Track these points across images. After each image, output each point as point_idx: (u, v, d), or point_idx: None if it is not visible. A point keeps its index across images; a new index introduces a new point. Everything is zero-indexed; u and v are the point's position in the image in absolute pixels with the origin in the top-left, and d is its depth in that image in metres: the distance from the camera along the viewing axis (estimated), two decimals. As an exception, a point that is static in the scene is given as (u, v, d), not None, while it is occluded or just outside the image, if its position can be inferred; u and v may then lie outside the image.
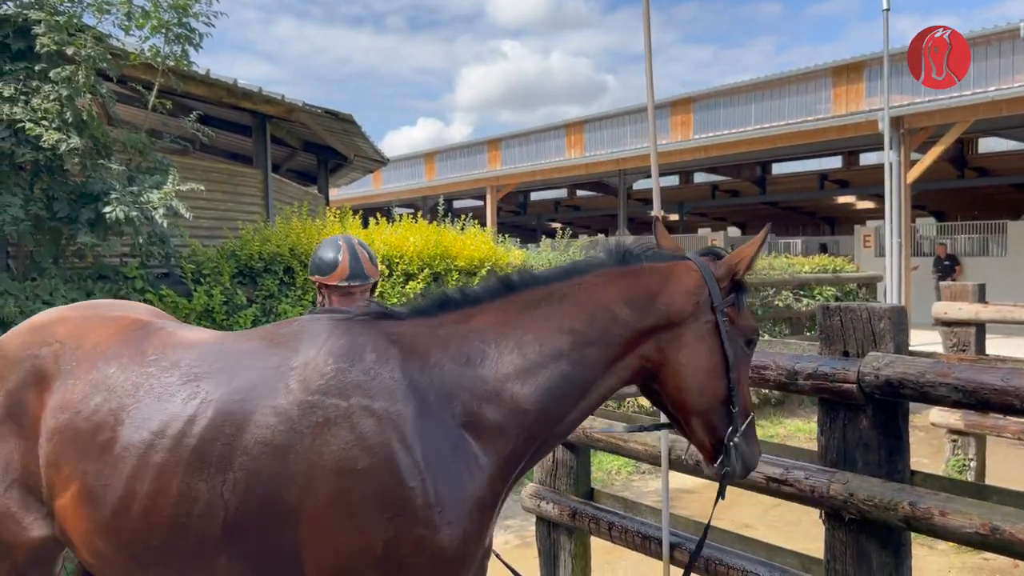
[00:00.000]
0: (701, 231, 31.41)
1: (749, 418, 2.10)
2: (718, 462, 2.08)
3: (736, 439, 2.05)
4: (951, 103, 14.03)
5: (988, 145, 22.67)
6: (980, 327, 5.45)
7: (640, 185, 25.76)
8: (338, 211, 6.93)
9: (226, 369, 1.99)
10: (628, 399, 8.62)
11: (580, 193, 33.37)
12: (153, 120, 5.79)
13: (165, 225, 4.99)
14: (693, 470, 2.88)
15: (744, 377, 2.09)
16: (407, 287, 6.42)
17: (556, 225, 35.76)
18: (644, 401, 8.65)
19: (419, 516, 1.81)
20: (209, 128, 6.13)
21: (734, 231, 34.46)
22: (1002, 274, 15.88)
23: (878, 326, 2.41)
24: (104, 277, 5.27)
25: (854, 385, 2.34)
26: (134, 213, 4.77)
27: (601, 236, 30.21)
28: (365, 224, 6.97)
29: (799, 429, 8.39)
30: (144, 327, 2.20)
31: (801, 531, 5.33)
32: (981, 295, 5.41)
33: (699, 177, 29.81)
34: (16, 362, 2.15)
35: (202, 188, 5.20)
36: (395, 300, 6.34)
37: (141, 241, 5.12)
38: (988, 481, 5.99)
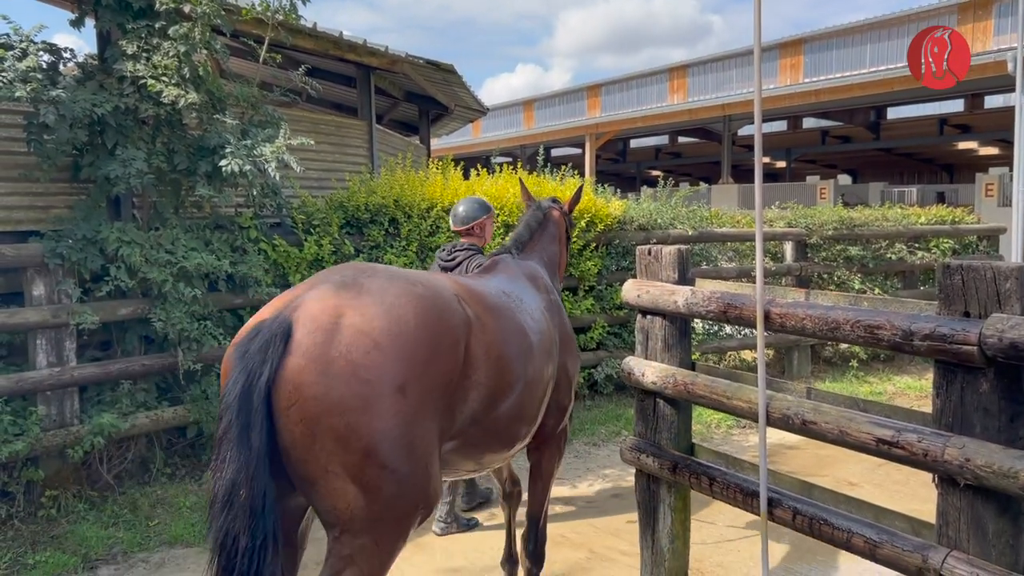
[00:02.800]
0: (809, 178, 30.21)
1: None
2: None
3: None
4: (1093, 40, 12.92)
5: None
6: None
7: (745, 131, 24.92)
8: (439, 162, 7.00)
9: (523, 294, 3.38)
10: (729, 353, 8.51)
11: (682, 140, 32.55)
12: (264, 73, 5.96)
13: (277, 178, 5.17)
14: (797, 428, 2.84)
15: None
16: (506, 238, 6.46)
17: (656, 173, 35.03)
18: (745, 355, 8.53)
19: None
20: (315, 80, 6.27)
21: (845, 178, 32.99)
22: None
23: (1003, 286, 2.29)
24: (221, 227, 5.53)
25: (975, 347, 2.24)
26: (248, 166, 4.96)
27: (703, 184, 29.52)
28: (467, 176, 7.03)
29: (909, 387, 8.10)
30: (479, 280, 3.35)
31: (909, 491, 5.20)
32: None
33: (808, 122, 28.57)
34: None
35: (311, 143, 5.34)
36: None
37: (255, 193, 5.32)
38: None
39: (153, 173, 4.99)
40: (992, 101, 23.33)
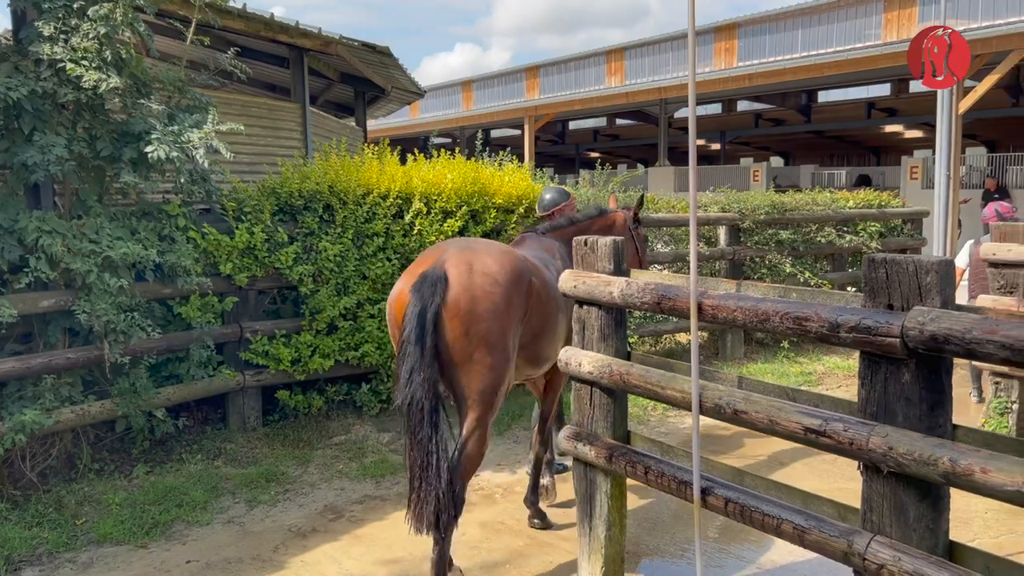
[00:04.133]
0: (743, 161, 30.77)
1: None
2: None
3: None
4: (1010, 29, 13.42)
5: (1047, 71, 21.72)
6: (1030, 269, 5.31)
7: (681, 114, 25.22)
8: (375, 147, 6.89)
9: (545, 260, 4.43)
10: (665, 336, 8.64)
11: (620, 122, 32.80)
12: (192, 54, 5.77)
13: (206, 164, 5.02)
14: (729, 417, 2.89)
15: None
16: (445, 225, 6.43)
17: (595, 155, 35.26)
18: (681, 337, 8.67)
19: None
20: (248, 60, 6.11)
21: (777, 160, 33.70)
22: (1055, 208, 15.35)
23: (924, 279, 2.36)
24: (147, 215, 5.35)
25: (898, 339, 2.31)
26: (175, 153, 4.81)
27: (641, 167, 29.75)
28: (403, 160, 6.94)
29: (837, 366, 8.35)
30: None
31: (838, 470, 5.37)
32: (1033, 236, 5.25)
33: (742, 105, 29.05)
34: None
35: (242, 128, 5.20)
36: (432, 239, 6.36)
37: (183, 180, 5.17)
38: None
39: (74, 160, 4.79)
40: (917, 86, 24.03)
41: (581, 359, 3.60)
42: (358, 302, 6.18)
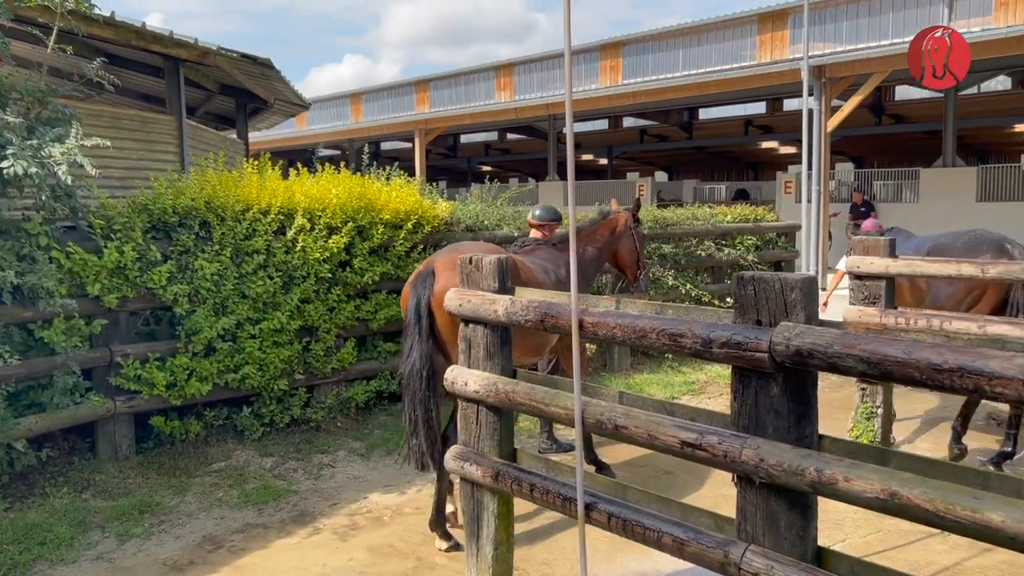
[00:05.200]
0: (630, 175, 31.60)
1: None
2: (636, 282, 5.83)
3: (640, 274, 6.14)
4: (870, 54, 14.32)
5: (903, 93, 23.31)
6: (890, 281, 5.64)
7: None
8: (255, 161, 6.67)
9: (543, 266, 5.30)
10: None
11: (511, 136, 33.12)
12: (55, 61, 5.44)
13: (69, 180, 4.74)
14: (610, 432, 2.93)
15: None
16: (329, 241, 6.29)
17: (487, 168, 35.46)
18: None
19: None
20: (119, 70, 5.82)
21: (661, 175, 34.79)
22: (914, 220, 16.43)
23: (790, 296, 2.45)
24: (4, 233, 5.00)
25: (766, 354, 2.39)
26: (34, 168, 4.52)
27: (532, 181, 30.08)
28: (286, 174, 6.76)
29: (719, 375, 8.63)
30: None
31: (720, 477, 5.51)
32: (891, 250, 5.59)
33: (628, 121, 29.89)
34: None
35: (108, 144, 4.94)
36: (317, 255, 6.21)
37: (44, 197, 4.86)
38: (895, 426, 6.31)
39: (-81, 174, 4.43)
40: (790, 104, 25.37)
41: (467, 378, 3.58)
42: (238, 322, 5.95)
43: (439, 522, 4.62)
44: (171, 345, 5.81)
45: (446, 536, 4.58)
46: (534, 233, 5.94)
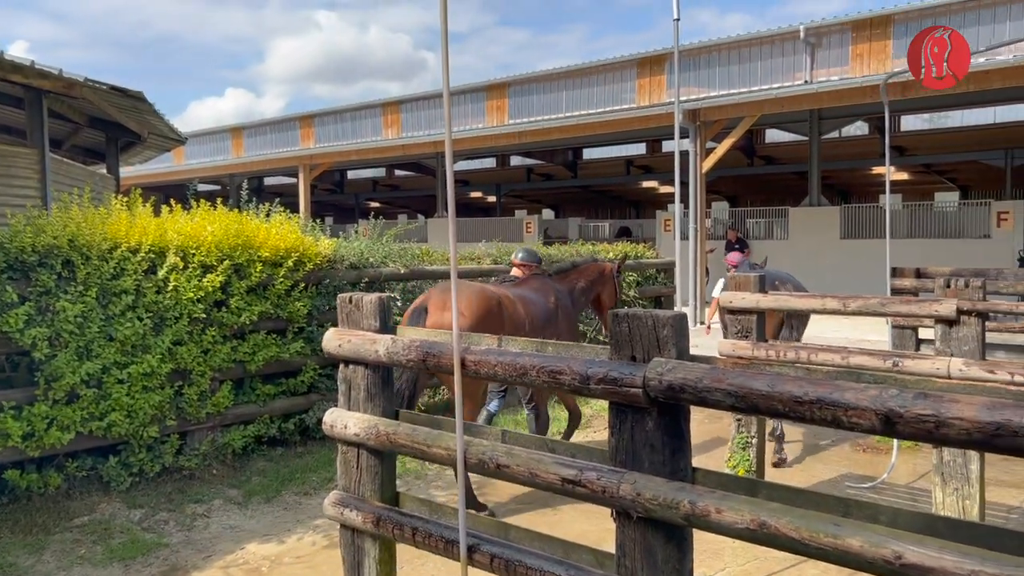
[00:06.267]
0: (518, 213, 32.06)
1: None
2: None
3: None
4: (740, 99, 15.12)
5: (773, 136, 24.72)
6: (761, 315, 5.89)
7: (458, 167, 25.84)
8: (124, 197, 6.37)
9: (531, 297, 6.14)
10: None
11: (399, 173, 33.06)
12: None
13: (-89, 216, 4.39)
14: (492, 472, 2.91)
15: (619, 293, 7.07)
16: (204, 280, 6.05)
17: (375, 204, 35.23)
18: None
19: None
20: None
21: (548, 213, 35.45)
22: (784, 256, 17.33)
23: (662, 332, 2.51)
24: None
25: (640, 390, 2.44)
26: None
27: (421, 217, 30.02)
28: (157, 211, 6.48)
29: (604, 409, 8.69)
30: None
31: (603, 511, 5.56)
32: (761, 285, 5.85)
33: (515, 160, 30.39)
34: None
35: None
36: (191, 295, 5.96)
37: None
38: (785, 448, 6.69)
39: None
40: (669, 146, 26.39)
41: (347, 420, 3.48)
42: (104, 366, 5.62)
43: None
44: (29, 392, 5.42)
45: None
46: (515, 272, 6.79)
